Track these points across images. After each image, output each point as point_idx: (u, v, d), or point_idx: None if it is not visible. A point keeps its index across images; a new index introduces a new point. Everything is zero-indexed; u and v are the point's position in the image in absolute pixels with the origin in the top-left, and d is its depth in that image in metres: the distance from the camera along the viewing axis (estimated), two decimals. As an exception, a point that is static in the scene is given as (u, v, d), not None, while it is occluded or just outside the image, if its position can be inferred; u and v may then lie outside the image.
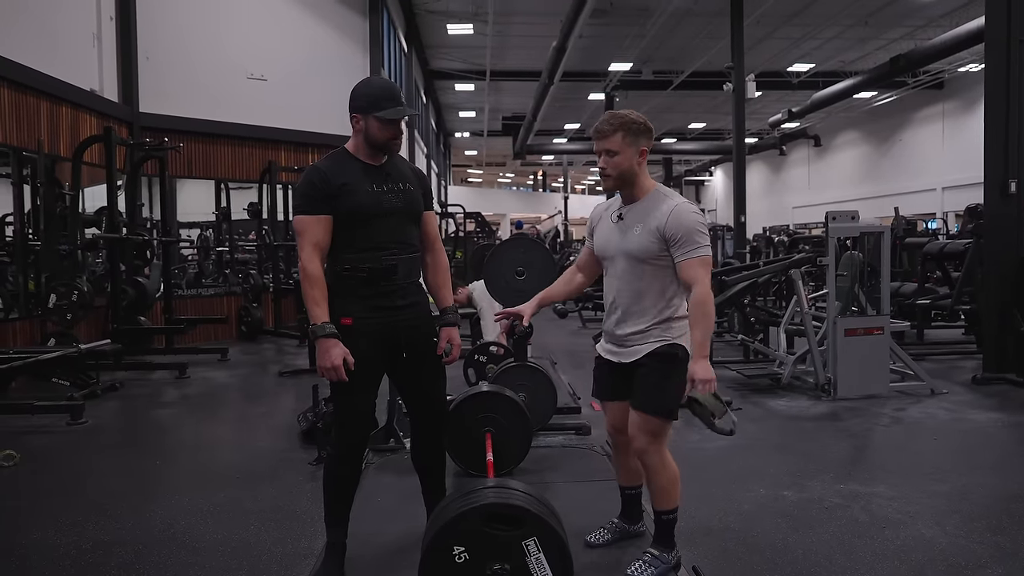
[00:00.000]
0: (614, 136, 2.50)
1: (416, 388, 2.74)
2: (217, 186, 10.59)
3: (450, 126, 32.73)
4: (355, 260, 2.53)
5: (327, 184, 2.49)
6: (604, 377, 2.77)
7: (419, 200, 2.69)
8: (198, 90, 9.71)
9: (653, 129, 2.60)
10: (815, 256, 6.13)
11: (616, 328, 2.63)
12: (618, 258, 2.58)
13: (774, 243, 13.68)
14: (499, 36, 18.21)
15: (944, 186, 20.91)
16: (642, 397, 2.55)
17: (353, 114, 2.55)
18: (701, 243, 2.46)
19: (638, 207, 2.56)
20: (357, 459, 2.71)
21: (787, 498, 3.55)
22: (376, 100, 2.52)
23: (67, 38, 7.88)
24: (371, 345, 2.55)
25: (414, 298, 2.66)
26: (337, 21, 11.75)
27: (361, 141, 2.57)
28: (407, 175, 2.68)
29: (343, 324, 2.51)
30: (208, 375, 7.26)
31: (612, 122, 2.52)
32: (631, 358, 2.59)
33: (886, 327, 5.73)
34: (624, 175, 2.54)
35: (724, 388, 6.07)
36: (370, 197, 2.52)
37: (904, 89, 20.76)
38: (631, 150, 2.51)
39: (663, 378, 2.51)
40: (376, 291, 2.55)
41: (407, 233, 2.62)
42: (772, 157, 31.71)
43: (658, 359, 2.53)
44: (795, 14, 16.28)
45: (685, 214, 2.47)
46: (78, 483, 3.95)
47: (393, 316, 2.58)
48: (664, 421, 2.55)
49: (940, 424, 4.95)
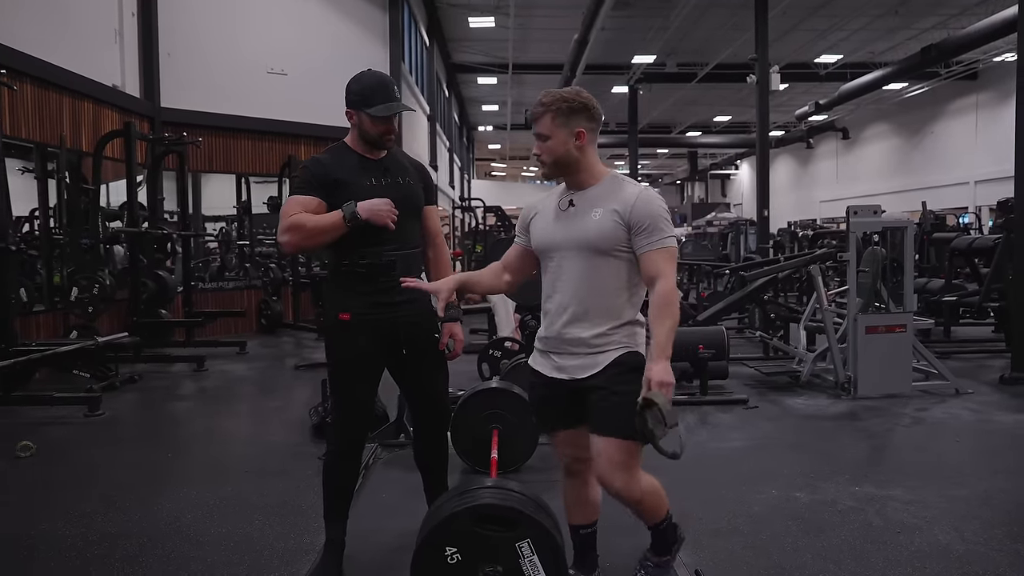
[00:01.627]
0: (543, 119, 2.19)
1: (416, 385, 2.71)
2: (238, 180, 10.67)
3: (473, 120, 32.69)
4: (353, 256, 2.50)
5: (326, 175, 2.49)
6: (548, 402, 2.33)
7: (419, 194, 2.66)
8: (218, 85, 9.78)
9: (597, 108, 2.23)
10: (836, 251, 6.00)
11: (565, 332, 2.21)
12: (569, 251, 2.21)
13: (798, 238, 13.45)
14: (521, 29, 18.10)
15: (977, 180, 20.41)
16: (609, 418, 2.13)
17: (347, 109, 2.55)
18: (667, 232, 2.16)
19: (592, 192, 2.22)
20: (356, 455, 2.69)
21: (799, 500, 3.47)
22: (368, 96, 2.50)
23: (90, 35, 7.97)
24: (370, 341, 2.53)
25: (414, 294, 2.61)
26: (357, 15, 11.76)
27: (357, 135, 2.57)
28: (407, 168, 2.65)
29: (341, 319, 2.50)
30: (226, 368, 7.33)
31: (542, 102, 2.20)
32: (587, 371, 2.18)
33: (909, 324, 5.58)
34: (559, 161, 2.20)
35: (742, 385, 5.98)
36: (368, 192, 2.49)
37: (936, 80, 20.27)
38: (563, 132, 2.17)
39: (631, 392, 2.07)
40: (375, 287, 2.51)
41: (406, 228, 2.57)
42: (799, 150, 31.23)
43: (622, 369, 2.16)
44: (822, 5, 15.95)
45: (653, 200, 2.18)
46: (90, 475, 3.99)
47: (392, 312, 2.54)
48: (639, 445, 2.13)
49: (963, 425, 4.81)
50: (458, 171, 27.35)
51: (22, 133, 6.78)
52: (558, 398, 2.29)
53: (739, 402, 5.40)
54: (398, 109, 2.54)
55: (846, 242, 5.73)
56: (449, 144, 23.44)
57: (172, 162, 8.85)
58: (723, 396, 5.55)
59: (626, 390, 2.10)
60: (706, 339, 5.62)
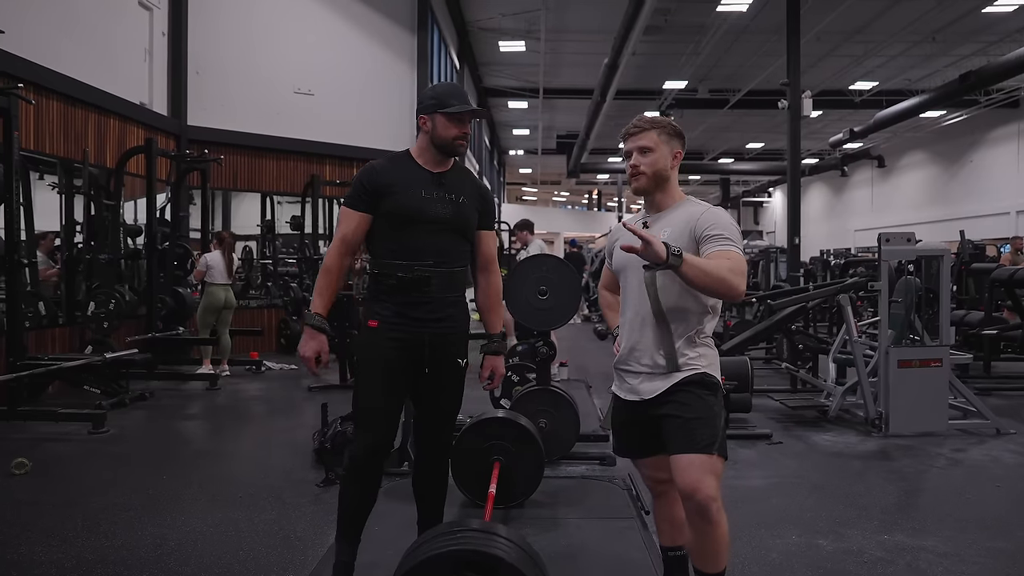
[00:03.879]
0: (649, 132, 2.29)
1: (428, 408, 2.61)
2: (263, 199, 10.71)
3: (504, 143, 32.79)
4: (389, 266, 2.47)
5: (374, 181, 2.47)
6: (628, 429, 2.38)
7: (472, 215, 2.58)
8: (246, 104, 9.86)
9: (685, 137, 2.38)
10: (867, 280, 5.72)
11: (635, 351, 2.28)
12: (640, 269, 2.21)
13: (830, 266, 13.07)
14: (552, 53, 18.12)
15: (1019, 210, 19.77)
16: (694, 434, 2.13)
17: (420, 115, 2.52)
18: (733, 240, 2.15)
19: (667, 214, 2.30)
20: (375, 470, 2.54)
21: (822, 548, 3.21)
22: (443, 98, 2.49)
23: (120, 53, 8.08)
24: (396, 350, 2.46)
25: (449, 312, 2.53)
26: (386, 37, 11.82)
27: (427, 143, 2.52)
28: (465, 189, 2.58)
29: (369, 326, 2.48)
30: (239, 387, 7.24)
31: (646, 120, 2.33)
32: (655, 391, 2.22)
33: (945, 359, 5.28)
34: (659, 174, 2.29)
35: (766, 419, 5.70)
36: (415, 201, 2.46)
37: (975, 108, 19.76)
38: (666, 148, 2.30)
39: (707, 406, 2.16)
40: (406, 300, 2.46)
41: (451, 245, 2.52)
42: (834, 178, 30.66)
43: (693, 386, 2.19)
44: (857, 31, 15.69)
45: (721, 214, 2.24)
46: (81, 495, 3.87)
47: (420, 328, 2.47)
48: (723, 460, 2.15)
49: (1005, 469, 4.48)
50: (487, 194, 27.32)
51: (46, 148, 6.85)
52: (635, 426, 2.34)
53: (762, 437, 5.13)
54: (473, 109, 2.54)
55: (878, 271, 5.47)
56: (479, 167, 23.46)
57: (196, 179, 8.89)
58: (745, 430, 5.28)
59: (700, 405, 2.16)
60: (728, 370, 5.35)
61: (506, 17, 15.82)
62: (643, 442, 2.35)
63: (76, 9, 7.20)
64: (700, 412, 2.16)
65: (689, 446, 2.12)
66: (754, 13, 14.60)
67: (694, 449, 2.12)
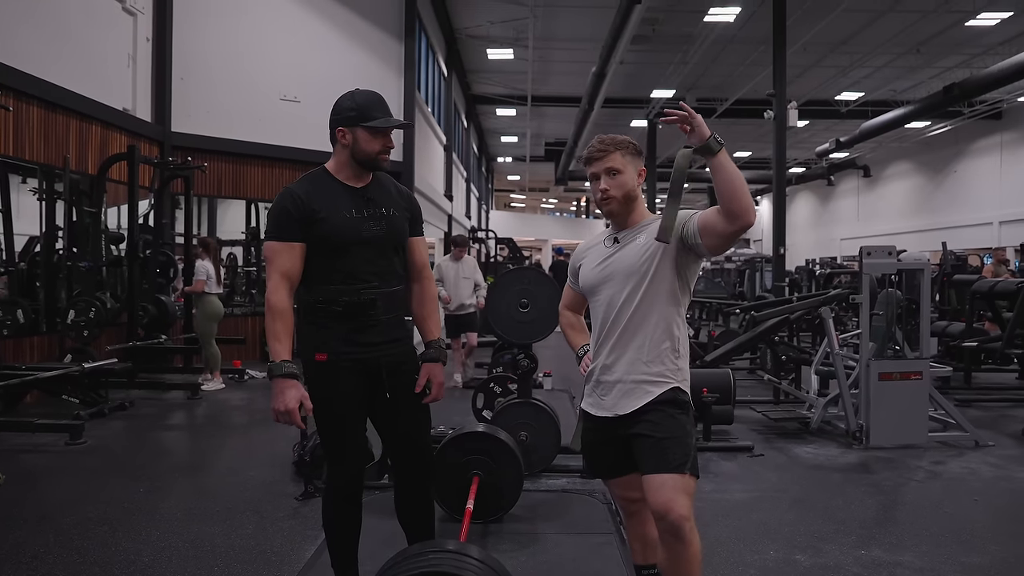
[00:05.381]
0: (614, 155, 2.27)
1: (399, 433, 2.50)
2: (248, 206, 10.65)
3: (492, 151, 32.82)
4: (331, 292, 2.34)
5: (301, 208, 2.32)
6: (600, 448, 2.34)
7: (403, 227, 2.48)
8: (230, 110, 9.80)
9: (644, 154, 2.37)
10: (849, 293, 5.75)
11: (608, 367, 2.27)
12: (614, 281, 2.26)
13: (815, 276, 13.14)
14: (540, 61, 18.16)
15: (1002, 220, 19.99)
16: (666, 453, 2.11)
17: (338, 128, 2.39)
18: None
19: (637, 228, 2.30)
20: (355, 497, 2.49)
21: (800, 564, 3.21)
22: (365, 110, 2.37)
23: (103, 59, 8.01)
24: (350, 382, 2.35)
25: (397, 334, 2.45)
26: (372, 44, 11.80)
27: (346, 158, 2.40)
28: (392, 198, 2.48)
29: (318, 361, 2.32)
30: (221, 396, 7.19)
31: (607, 142, 2.29)
32: (629, 408, 2.20)
33: (926, 371, 5.31)
34: (628, 195, 2.28)
35: (748, 431, 5.72)
36: (348, 223, 2.34)
37: (959, 119, 19.99)
38: (632, 169, 2.28)
39: (679, 425, 2.16)
40: (354, 326, 2.35)
41: (388, 263, 2.42)
42: (820, 187, 30.93)
43: (665, 405, 2.19)
44: (843, 42, 15.84)
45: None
46: (55, 509, 3.82)
47: (375, 352, 2.38)
48: (695, 479, 2.14)
49: (983, 482, 4.51)
50: (475, 201, 27.35)
51: (26, 154, 6.77)
52: (605, 445, 2.32)
53: (744, 449, 5.13)
54: (398, 123, 2.44)
55: (859, 283, 5.50)
56: (467, 174, 23.46)
57: (180, 186, 8.83)
58: (727, 442, 5.29)
59: (672, 424, 2.16)
60: (711, 382, 5.37)
61: (494, 25, 15.85)
62: (614, 462, 2.32)
63: (59, 14, 7.14)
64: (672, 431, 2.16)
65: (661, 466, 2.12)
66: (741, 23, 14.70)
67: (666, 469, 2.11)
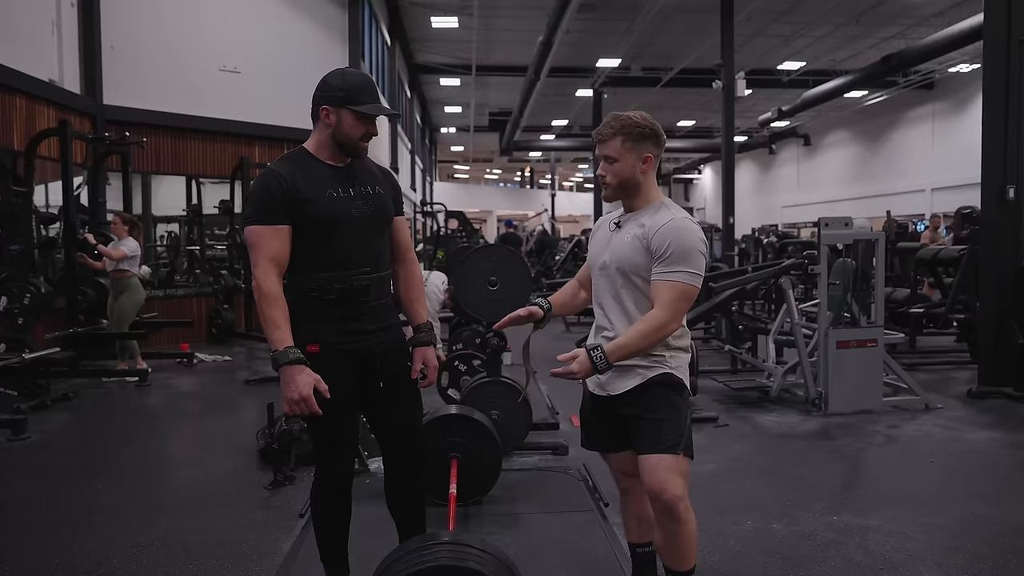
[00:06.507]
0: (613, 141, 2.22)
1: (393, 422, 2.40)
2: (188, 182, 10.21)
3: (436, 121, 32.32)
4: (321, 280, 2.22)
5: (284, 189, 2.16)
6: (595, 423, 2.38)
7: (389, 206, 2.37)
8: (167, 82, 9.32)
9: (663, 135, 2.29)
10: (806, 262, 5.86)
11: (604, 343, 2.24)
12: (609, 268, 2.26)
13: (763, 245, 13.43)
14: (485, 30, 17.86)
15: (934, 187, 20.77)
16: (660, 434, 2.15)
17: (323, 106, 2.23)
18: (689, 268, 2.11)
19: (639, 215, 2.25)
20: (346, 491, 2.40)
21: (777, 532, 3.28)
22: (354, 92, 2.23)
23: (23, 25, 7.48)
24: (343, 372, 2.24)
25: (387, 320, 2.36)
26: (315, 12, 11.38)
27: (327, 138, 2.26)
28: (375, 176, 2.36)
29: (309, 352, 2.18)
30: (171, 382, 6.92)
31: (612, 125, 2.23)
32: (622, 388, 2.21)
33: (880, 339, 5.47)
34: (625, 184, 2.24)
35: (711, 401, 5.81)
36: (335, 204, 2.21)
37: (895, 89, 20.59)
38: (632, 156, 2.21)
39: (673, 407, 2.18)
40: (346, 314, 2.24)
41: (378, 245, 2.32)
42: (762, 156, 31.54)
43: (659, 387, 2.20)
44: (786, 11, 16.04)
45: (681, 229, 2.14)
46: (5, 512, 3.61)
47: (367, 340, 2.28)
48: (689, 459, 2.17)
49: (936, 444, 4.69)
50: (420, 173, 26.96)
51: (-55, 130, 6.30)
52: (602, 420, 2.34)
53: (709, 420, 5.22)
54: (388, 111, 2.34)
55: (817, 254, 5.61)
56: (411, 146, 23.05)
57: (116, 163, 8.38)
58: (692, 414, 5.35)
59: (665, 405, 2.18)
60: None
61: (439, -8, 15.50)
62: (610, 438, 2.35)
63: (-25, -22, 6.62)
64: (666, 413, 2.18)
65: (656, 446, 2.14)
66: (687, -7, 14.72)
67: (660, 449, 2.14)
